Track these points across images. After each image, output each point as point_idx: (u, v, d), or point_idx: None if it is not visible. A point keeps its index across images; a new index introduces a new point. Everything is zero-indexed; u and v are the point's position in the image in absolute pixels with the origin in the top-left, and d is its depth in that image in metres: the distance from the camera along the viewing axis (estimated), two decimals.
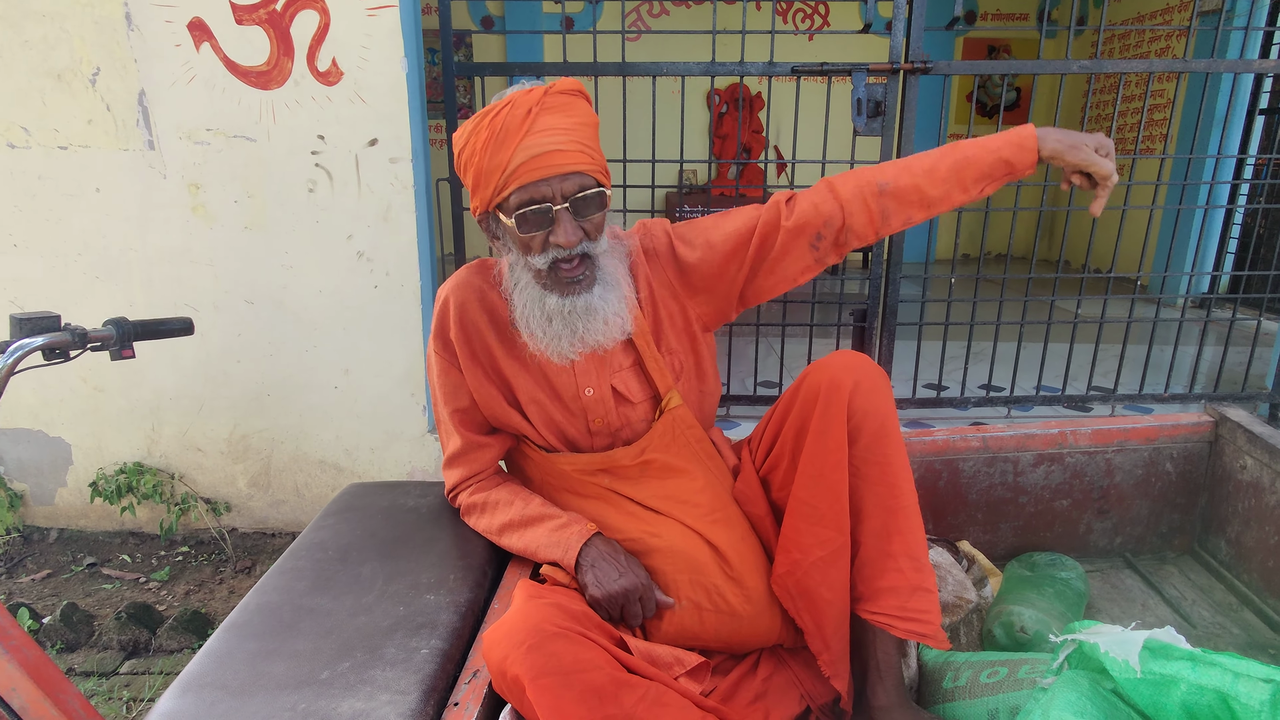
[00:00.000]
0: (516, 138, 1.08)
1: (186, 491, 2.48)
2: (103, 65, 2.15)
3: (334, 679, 0.97)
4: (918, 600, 1.14)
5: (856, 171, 1.26)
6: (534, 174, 1.08)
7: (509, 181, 1.09)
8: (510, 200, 1.10)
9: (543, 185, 1.08)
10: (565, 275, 1.13)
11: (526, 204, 1.09)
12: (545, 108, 1.09)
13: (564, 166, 1.09)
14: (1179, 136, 4.71)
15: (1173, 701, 0.95)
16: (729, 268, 1.26)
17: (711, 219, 1.29)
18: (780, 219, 1.23)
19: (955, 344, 3.05)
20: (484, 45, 6.17)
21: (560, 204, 1.09)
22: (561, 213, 1.10)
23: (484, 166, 1.10)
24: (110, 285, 2.31)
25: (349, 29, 2.11)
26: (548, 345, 1.17)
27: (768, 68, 2.31)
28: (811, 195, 1.25)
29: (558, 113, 1.10)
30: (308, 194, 2.23)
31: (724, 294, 1.29)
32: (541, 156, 1.08)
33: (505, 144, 1.08)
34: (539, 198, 1.09)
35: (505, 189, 1.09)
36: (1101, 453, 1.69)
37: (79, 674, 1.91)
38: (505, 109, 1.09)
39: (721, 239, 1.25)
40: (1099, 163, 1.19)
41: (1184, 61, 2.34)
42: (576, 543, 1.15)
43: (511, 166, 1.08)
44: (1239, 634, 1.52)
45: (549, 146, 1.08)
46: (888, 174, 1.24)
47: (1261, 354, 2.84)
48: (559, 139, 1.09)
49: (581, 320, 1.14)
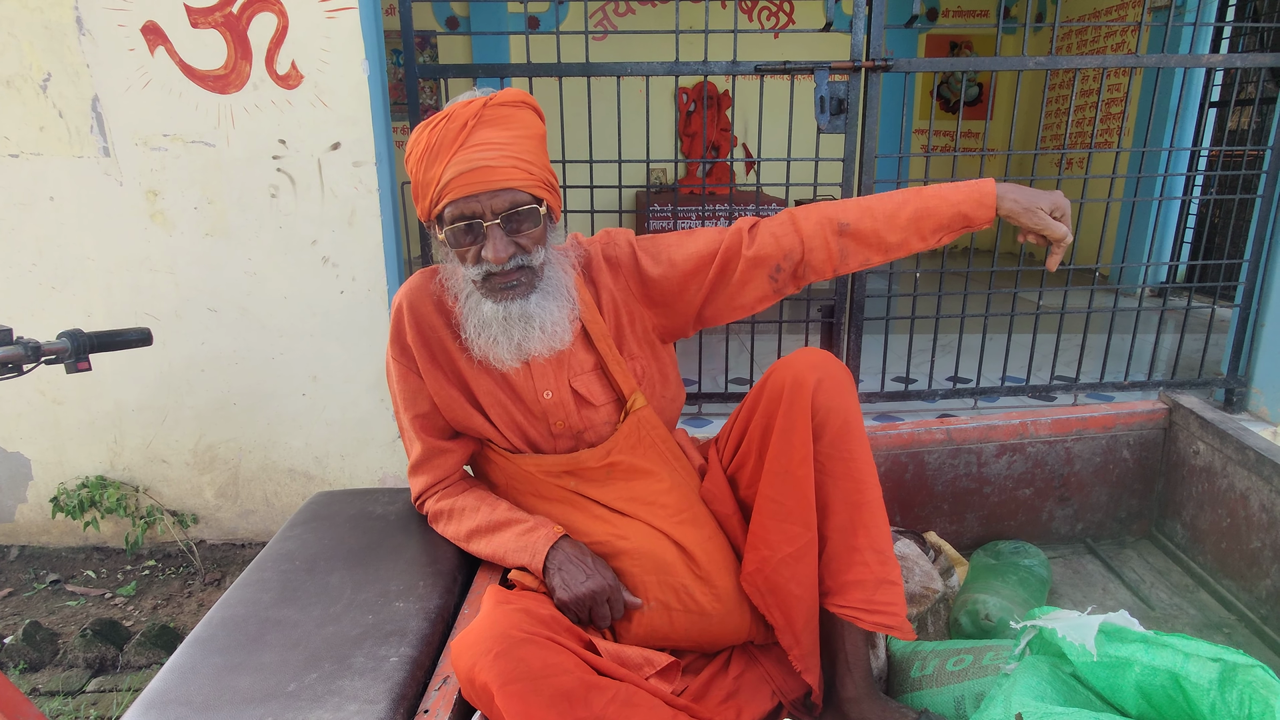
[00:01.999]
0: (450, 152, 1.08)
1: (152, 504, 2.44)
2: (54, 71, 2.10)
3: (301, 690, 0.96)
4: (883, 593, 1.16)
5: (820, 206, 1.26)
6: (464, 189, 1.08)
7: (441, 196, 1.10)
8: (445, 214, 1.11)
9: (472, 201, 1.09)
10: (499, 283, 1.13)
11: (457, 219, 1.10)
12: (483, 120, 1.09)
13: (494, 183, 1.08)
14: (1135, 130, 4.82)
15: (1128, 683, 0.98)
16: (689, 287, 1.27)
17: (676, 236, 1.30)
18: (742, 247, 1.24)
19: (922, 337, 3.09)
20: (450, 46, 6.12)
21: (491, 220, 1.09)
22: (492, 228, 1.10)
23: (420, 179, 1.13)
24: (67, 296, 2.26)
25: (308, 31, 2.08)
26: (488, 351, 1.17)
27: (731, 66, 2.33)
28: (774, 226, 1.25)
29: (495, 126, 1.10)
30: (270, 199, 2.20)
31: (682, 312, 1.30)
32: (472, 173, 1.08)
33: (439, 158, 1.09)
34: (469, 213, 1.09)
35: (438, 202, 1.11)
36: (1061, 442, 1.73)
37: (43, 694, 1.87)
38: (443, 122, 1.10)
39: (683, 258, 1.26)
40: (1052, 226, 1.21)
41: (1136, 57, 2.40)
42: (543, 546, 1.15)
43: (443, 181, 1.09)
44: (1195, 614, 1.57)
45: (479, 162, 1.08)
46: (850, 214, 1.24)
47: (1217, 340, 2.92)
48: (490, 155, 1.08)
49: (518, 327, 1.14)
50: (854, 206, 1.25)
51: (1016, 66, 2.39)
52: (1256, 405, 2.71)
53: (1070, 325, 3.51)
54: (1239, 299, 2.69)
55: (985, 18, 6.30)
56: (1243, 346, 2.71)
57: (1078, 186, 5.25)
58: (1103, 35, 5.35)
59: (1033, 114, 6.28)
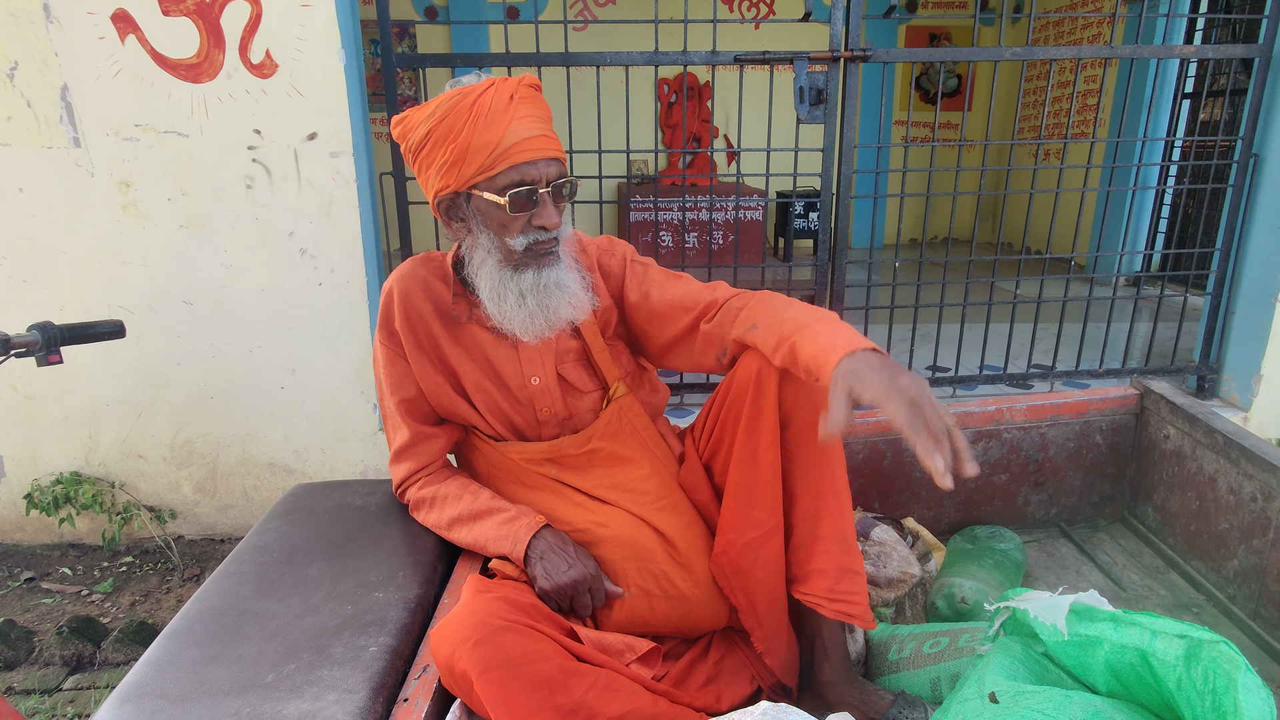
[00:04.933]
0: (505, 118, 1.10)
1: (128, 500, 2.41)
2: (20, 59, 2.06)
3: (279, 681, 0.96)
4: (846, 582, 1.17)
5: (770, 311, 1.15)
6: (526, 155, 1.11)
7: (499, 160, 1.10)
8: (498, 179, 1.11)
9: (531, 168, 1.12)
10: (541, 249, 1.16)
11: (517, 184, 1.11)
12: (522, 98, 1.13)
13: (549, 152, 1.13)
14: (1110, 120, 4.88)
15: (1097, 661, 1.00)
16: (650, 327, 1.29)
17: (663, 274, 1.31)
18: (703, 320, 1.23)
19: (902, 326, 3.12)
20: (429, 36, 6.06)
21: (545, 188, 1.13)
22: (545, 196, 1.13)
23: (471, 143, 1.10)
24: (37, 289, 2.22)
25: (282, 19, 2.05)
26: (522, 323, 1.18)
27: (711, 56, 2.32)
28: (728, 317, 1.20)
29: (531, 103, 1.14)
30: (245, 190, 2.17)
31: (643, 344, 1.34)
32: (532, 140, 1.11)
33: (495, 123, 1.09)
34: (529, 179, 1.11)
35: (494, 168, 1.11)
36: (1036, 428, 1.76)
37: (19, 693, 1.85)
38: (489, 90, 1.11)
39: (659, 300, 1.27)
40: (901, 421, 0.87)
41: (1110, 48, 2.42)
42: (525, 535, 1.16)
43: (504, 146, 1.09)
44: (1166, 595, 1.60)
45: (537, 131, 1.12)
46: (764, 334, 1.13)
47: (1189, 328, 2.97)
48: (540, 126, 1.13)
49: (554, 294, 1.17)
50: (773, 326, 1.12)
51: (993, 57, 2.41)
52: (1227, 392, 2.76)
53: (1047, 314, 3.56)
54: (1210, 287, 2.73)
55: (964, 9, 6.33)
56: (1214, 334, 2.76)
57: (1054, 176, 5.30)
58: (1079, 27, 5.41)
59: (1010, 105, 6.34)
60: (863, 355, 0.95)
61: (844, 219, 2.49)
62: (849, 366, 0.94)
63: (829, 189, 2.48)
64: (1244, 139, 2.56)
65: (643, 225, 5.05)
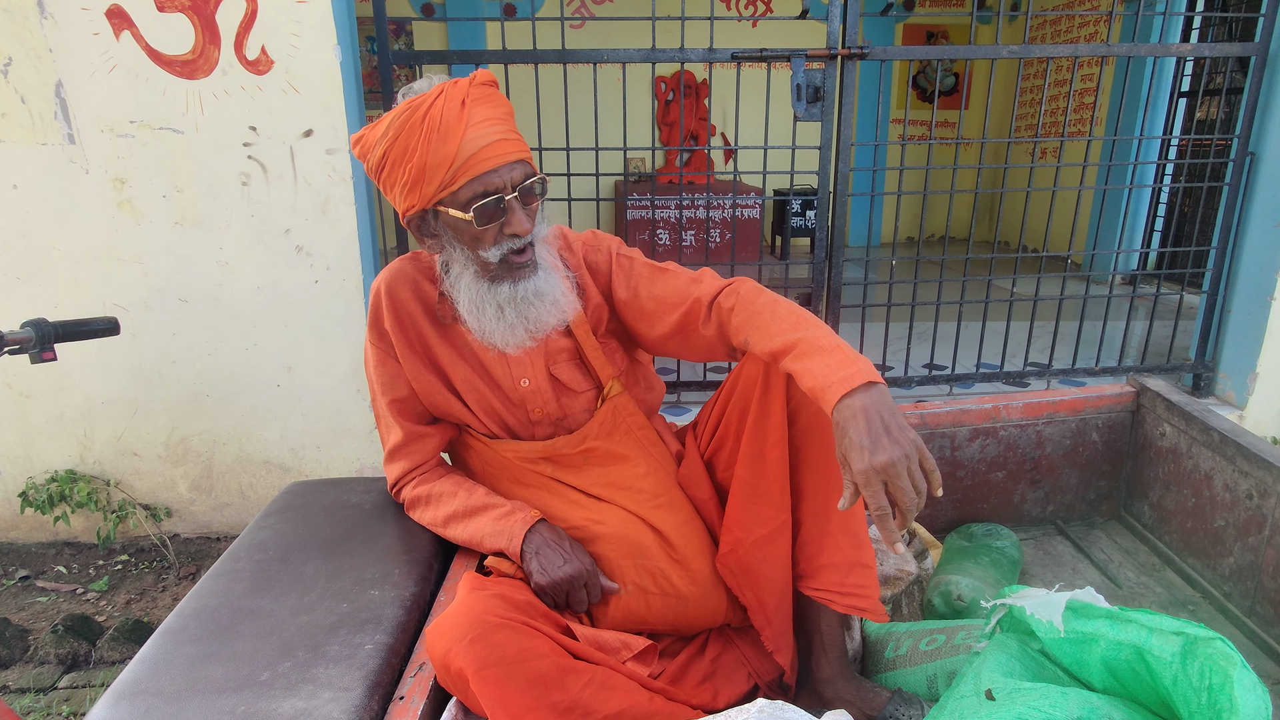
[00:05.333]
0: (460, 128, 1.05)
1: (124, 498, 2.40)
2: (14, 55, 2.05)
3: (275, 679, 0.95)
4: (856, 576, 1.17)
5: (756, 322, 1.13)
6: (485, 164, 1.06)
7: (459, 174, 1.06)
8: (460, 193, 1.07)
9: (493, 176, 1.07)
10: (515, 262, 1.12)
11: (480, 196, 1.07)
12: (475, 100, 1.07)
13: (510, 155, 1.08)
14: (1106, 119, 4.88)
15: (1094, 658, 1.00)
16: (640, 324, 1.27)
17: (649, 268, 1.27)
18: (697, 321, 1.20)
19: (899, 324, 3.12)
20: (425, 33, 6.05)
21: (510, 193, 1.09)
22: (513, 202, 1.09)
23: (427, 161, 1.05)
24: (32, 286, 2.21)
25: (278, 15, 2.04)
26: (502, 337, 1.16)
27: (708, 54, 2.32)
28: (724, 320, 1.17)
29: (486, 104, 1.09)
30: (241, 187, 2.16)
31: (630, 337, 1.32)
32: (490, 146, 1.06)
33: (449, 135, 1.04)
34: (492, 188, 1.07)
35: (454, 182, 1.06)
36: (1033, 425, 1.76)
37: (14, 691, 1.84)
38: (438, 100, 1.05)
39: (647, 297, 1.25)
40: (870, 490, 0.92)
41: (1107, 46, 2.43)
42: (520, 530, 1.15)
43: (461, 158, 1.05)
44: (1161, 592, 1.60)
45: (493, 135, 1.07)
46: (758, 332, 1.11)
47: (1185, 326, 2.98)
48: (498, 129, 1.08)
49: (533, 305, 1.14)
50: (768, 328, 1.11)
51: (990, 55, 2.41)
52: (1223, 390, 2.77)
53: (1043, 312, 3.56)
54: (1206, 286, 2.74)
55: (961, 7, 6.34)
56: (1210, 332, 2.76)
57: (1051, 175, 5.31)
58: (1076, 25, 5.41)
59: (1007, 103, 6.34)
60: (853, 402, 0.94)
61: (841, 217, 2.49)
62: (839, 420, 0.95)
63: (826, 187, 2.48)
64: (1240, 137, 2.56)
65: (640, 223, 5.04)
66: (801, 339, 1.04)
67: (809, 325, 1.07)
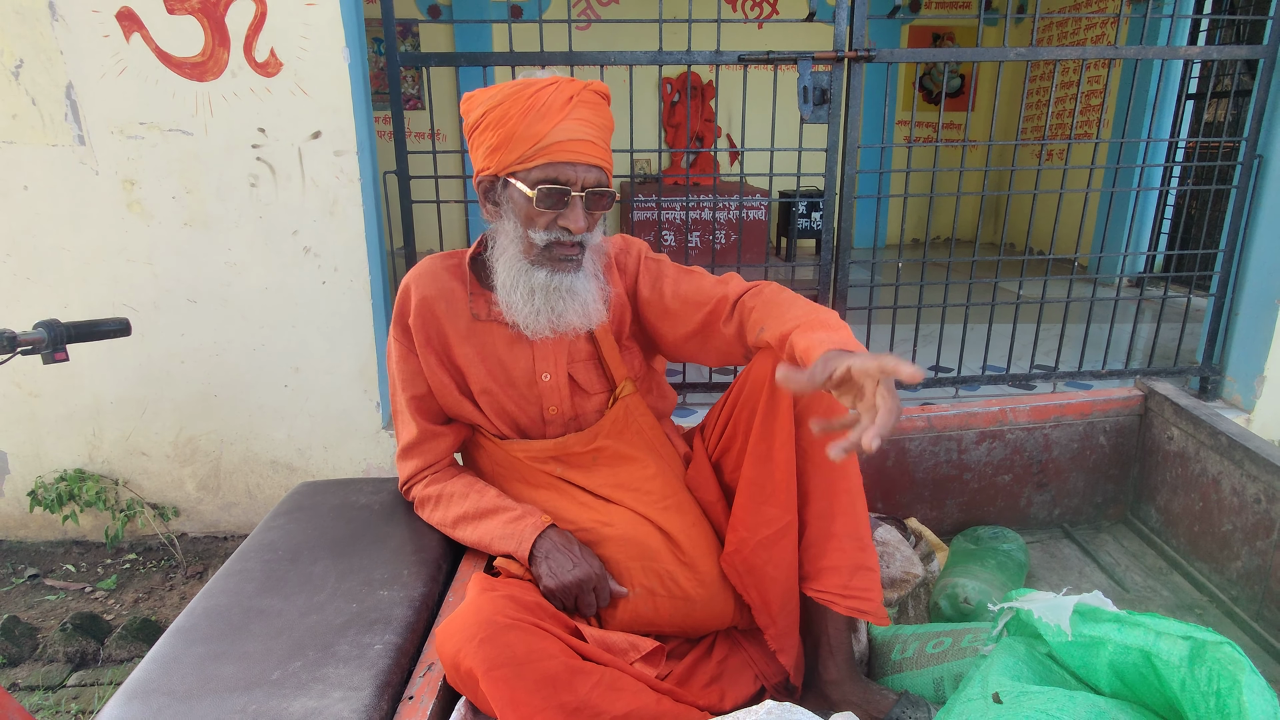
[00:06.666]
0: (558, 116, 1.11)
1: (132, 497, 2.41)
2: (26, 57, 2.06)
3: (285, 679, 0.96)
4: (859, 579, 1.18)
5: (775, 311, 1.16)
6: (565, 155, 1.11)
7: (539, 154, 1.11)
8: (533, 172, 1.13)
9: (568, 169, 1.12)
10: (559, 253, 1.16)
11: (550, 180, 1.12)
12: (583, 100, 1.14)
13: (591, 158, 1.13)
14: (1113, 121, 4.87)
15: (1101, 661, 1.00)
16: (663, 323, 1.30)
17: (676, 270, 1.31)
18: (720, 319, 1.24)
19: (904, 326, 3.12)
20: (432, 35, 6.06)
21: (578, 191, 1.13)
22: (577, 199, 1.13)
23: (518, 131, 1.11)
24: (42, 287, 2.23)
25: (287, 18, 2.05)
26: (525, 318, 1.18)
27: (714, 56, 2.32)
28: (745, 318, 1.20)
29: (590, 108, 1.15)
30: (250, 189, 2.18)
31: (651, 339, 1.35)
32: (576, 142, 1.12)
33: (546, 117, 1.11)
34: (562, 179, 1.12)
35: (533, 160, 1.12)
36: (1039, 428, 1.76)
37: (23, 689, 1.85)
38: (550, 87, 1.12)
39: (672, 296, 1.28)
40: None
41: (1114, 48, 2.42)
42: (531, 534, 1.16)
43: (547, 141, 1.11)
44: (1169, 596, 1.60)
45: (584, 135, 1.13)
46: (770, 335, 1.14)
47: (1193, 329, 2.97)
48: (592, 132, 1.14)
49: (563, 299, 1.17)
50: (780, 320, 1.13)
51: (997, 57, 2.40)
52: (1230, 393, 2.76)
53: (1050, 315, 3.56)
54: (1214, 289, 2.73)
55: (967, 9, 6.33)
56: (1217, 335, 2.75)
57: (1057, 177, 5.30)
58: (1083, 27, 5.40)
59: (1014, 105, 6.33)
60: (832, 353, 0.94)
61: (847, 219, 2.49)
62: (837, 350, 0.95)
63: (832, 189, 2.48)
64: (1248, 140, 2.56)
65: (646, 224, 5.05)
66: (812, 320, 1.08)
67: (823, 314, 1.11)
